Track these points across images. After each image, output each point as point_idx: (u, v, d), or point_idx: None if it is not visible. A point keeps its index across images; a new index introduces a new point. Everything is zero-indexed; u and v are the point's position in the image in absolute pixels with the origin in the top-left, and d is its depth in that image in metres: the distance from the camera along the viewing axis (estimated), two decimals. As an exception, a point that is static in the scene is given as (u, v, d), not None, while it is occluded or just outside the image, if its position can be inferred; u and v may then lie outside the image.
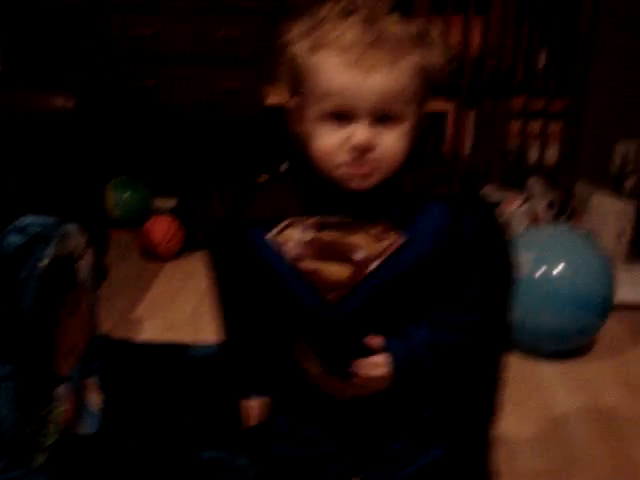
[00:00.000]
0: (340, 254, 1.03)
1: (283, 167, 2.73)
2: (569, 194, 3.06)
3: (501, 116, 3.06)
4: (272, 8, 2.94)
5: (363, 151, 1.00)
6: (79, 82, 2.64)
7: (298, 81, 1.03)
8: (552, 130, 3.10)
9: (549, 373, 2.24)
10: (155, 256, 2.96)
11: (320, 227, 1.04)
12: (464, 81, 3.03)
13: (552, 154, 3.11)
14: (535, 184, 2.87)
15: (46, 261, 1.16)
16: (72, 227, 1.27)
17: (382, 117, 1.00)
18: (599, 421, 2.01)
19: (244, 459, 1.20)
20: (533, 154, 3.13)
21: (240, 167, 3.09)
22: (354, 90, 0.98)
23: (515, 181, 3.04)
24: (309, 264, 1.04)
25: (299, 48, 1.02)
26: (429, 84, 1.05)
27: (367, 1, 1.02)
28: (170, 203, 3.37)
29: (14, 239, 1.16)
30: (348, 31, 0.98)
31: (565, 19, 2.97)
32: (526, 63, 3.06)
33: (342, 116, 1.00)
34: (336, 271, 1.03)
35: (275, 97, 2.52)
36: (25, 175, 2.18)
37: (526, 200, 2.81)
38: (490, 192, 2.99)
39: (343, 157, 1.01)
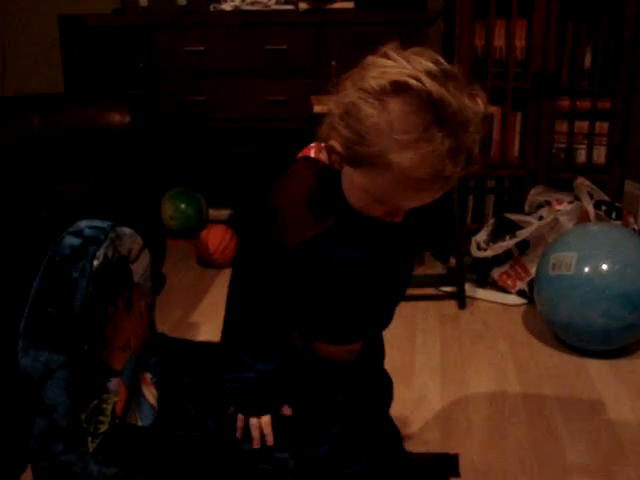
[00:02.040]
0: None
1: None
2: (617, 194, 3.05)
3: (547, 117, 3.07)
4: (316, 20, 3.03)
5: None
6: (134, 99, 2.75)
7: (369, 162, 1.07)
8: (599, 130, 3.09)
9: (597, 371, 2.25)
10: (211, 264, 3.06)
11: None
12: (509, 84, 3.05)
13: (600, 154, 3.10)
14: (583, 184, 2.87)
15: (97, 262, 1.23)
16: (127, 230, 1.34)
17: None
18: (647, 417, 2.02)
19: (283, 452, 1.28)
20: (581, 155, 3.13)
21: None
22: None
23: (563, 182, 3.04)
24: None
25: (389, 147, 1.04)
26: None
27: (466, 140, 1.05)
28: (225, 213, 3.48)
29: (70, 241, 1.24)
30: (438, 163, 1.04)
31: (610, 18, 2.97)
32: (571, 64, 3.06)
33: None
34: None
35: (321, 106, 2.58)
36: (85, 188, 2.28)
37: (574, 200, 2.81)
38: (538, 192, 3.00)
39: (379, 214, 1.16)
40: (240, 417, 1.32)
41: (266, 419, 1.31)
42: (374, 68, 1.06)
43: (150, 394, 1.46)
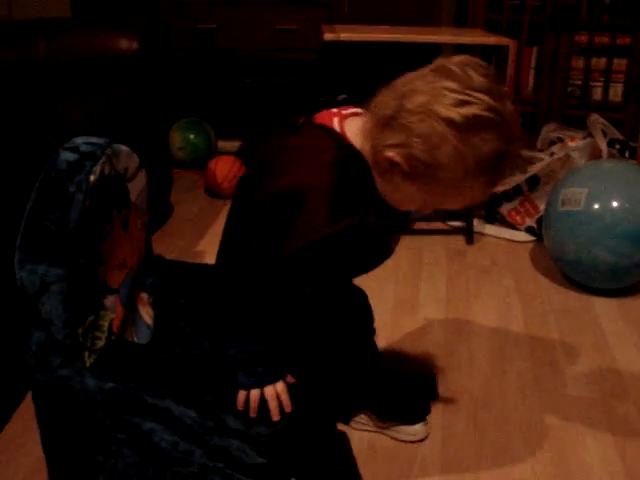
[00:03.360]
0: None
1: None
2: (632, 133, 3.00)
3: (564, 53, 3.00)
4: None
5: None
6: (143, 25, 2.70)
7: (430, 177, 1.11)
8: (617, 67, 3.03)
9: (604, 309, 2.24)
10: (218, 194, 3.04)
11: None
12: (526, 16, 2.98)
13: (616, 92, 3.04)
14: (597, 121, 2.82)
15: (94, 177, 1.21)
16: (123, 148, 1.32)
17: None
18: (650, 353, 2.02)
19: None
20: (596, 92, 3.07)
21: (301, 107, 3.12)
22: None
23: (577, 120, 2.99)
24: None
25: (462, 175, 1.10)
26: None
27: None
28: (234, 145, 3.44)
29: (66, 156, 1.22)
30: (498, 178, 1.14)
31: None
32: (591, -3, 2.99)
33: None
34: None
35: (331, 34, 2.53)
36: (92, 113, 2.26)
37: (587, 137, 2.77)
38: (551, 130, 2.96)
39: (412, 208, 1.23)
40: (254, 394, 1.23)
41: (281, 385, 1.25)
42: (448, 93, 1.08)
43: (146, 314, 1.46)
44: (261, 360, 1.23)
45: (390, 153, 1.12)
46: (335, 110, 1.24)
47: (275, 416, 1.23)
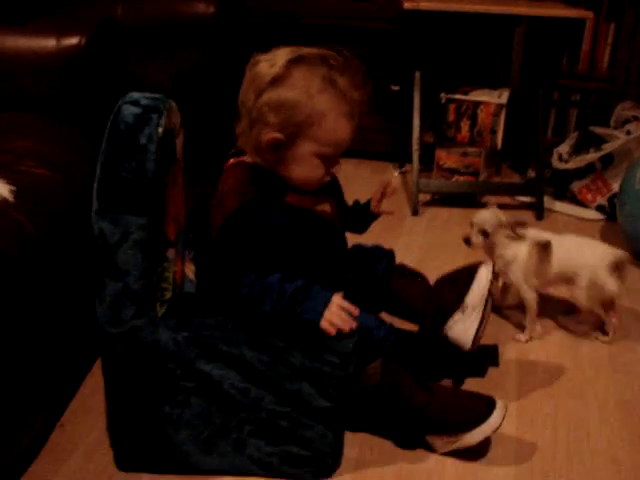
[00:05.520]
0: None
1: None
2: None
3: (644, 29, 2.93)
4: None
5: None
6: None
7: (299, 124, 1.34)
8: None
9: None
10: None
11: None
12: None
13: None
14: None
15: (161, 129, 1.23)
16: (173, 104, 1.33)
17: None
18: None
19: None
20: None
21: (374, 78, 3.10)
22: (347, 141, 1.39)
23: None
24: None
25: (312, 102, 1.33)
26: None
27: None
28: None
29: (131, 110, 1.23)
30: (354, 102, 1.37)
31: None
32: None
33: (329, 157, 1.39)
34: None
35: (411, 3, 2.51)
36: (169, 73, 2.29)
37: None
38: (626, 108, 2.90)
39: (320, 176, 1.42)
40: (326, 319, 1.31)
41: (337, 297, 1.33)
42: (259, 69, 1.37)
43: (189, 269, 1.49)
44: (309, 290, 1.33)
45: (263, 138, 1.36)
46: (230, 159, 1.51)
47: (347, 326, 1.31)
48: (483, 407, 1.44)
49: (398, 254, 1.76)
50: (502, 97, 2.76)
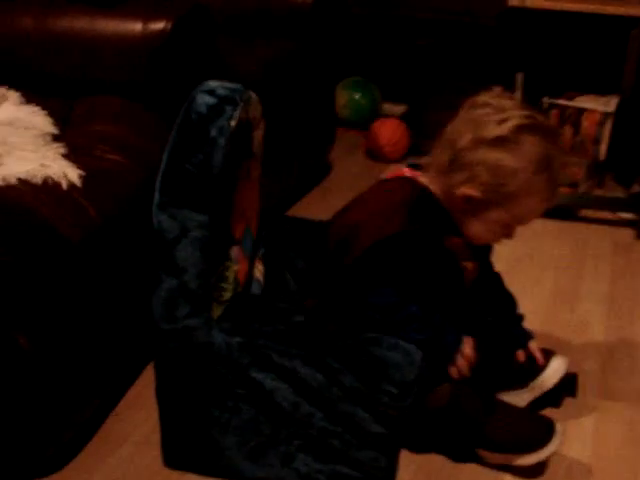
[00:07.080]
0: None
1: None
2: None
3: None
4: None
5: None
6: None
7: (505, 194, 1.30)
8: None
9: None
10: (380, 157, 2.96)
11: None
12: None
13: None
14: None
15: (234, 122, 1.17)
16: (253, 95, 1.26)
17: None
18: None
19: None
20: None
21: (471, 76, 3.00)
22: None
23: None
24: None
25: (528, 179, 1.29)
26: None
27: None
28: (399, 109, 3.35)
29: (205, 99, 1.18)
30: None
31: None
32: None
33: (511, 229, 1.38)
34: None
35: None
36: (262, 61, 2.25)
37: None
38: None
39: (486, 243, 1.45)
40: (457, 365, 1.35)
41: (468, 345, 1.37)
42: (487, 119, 1.29)
43: (257, 269, 1.43)
44: (444, 328, 1.36)
45: (463, 190, 1.31)
46: (402, 167, 1.42)
47: (466, 372, 1.36)
48: (543, 431, 1.41)
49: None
50: (609, 105, 2.60)
